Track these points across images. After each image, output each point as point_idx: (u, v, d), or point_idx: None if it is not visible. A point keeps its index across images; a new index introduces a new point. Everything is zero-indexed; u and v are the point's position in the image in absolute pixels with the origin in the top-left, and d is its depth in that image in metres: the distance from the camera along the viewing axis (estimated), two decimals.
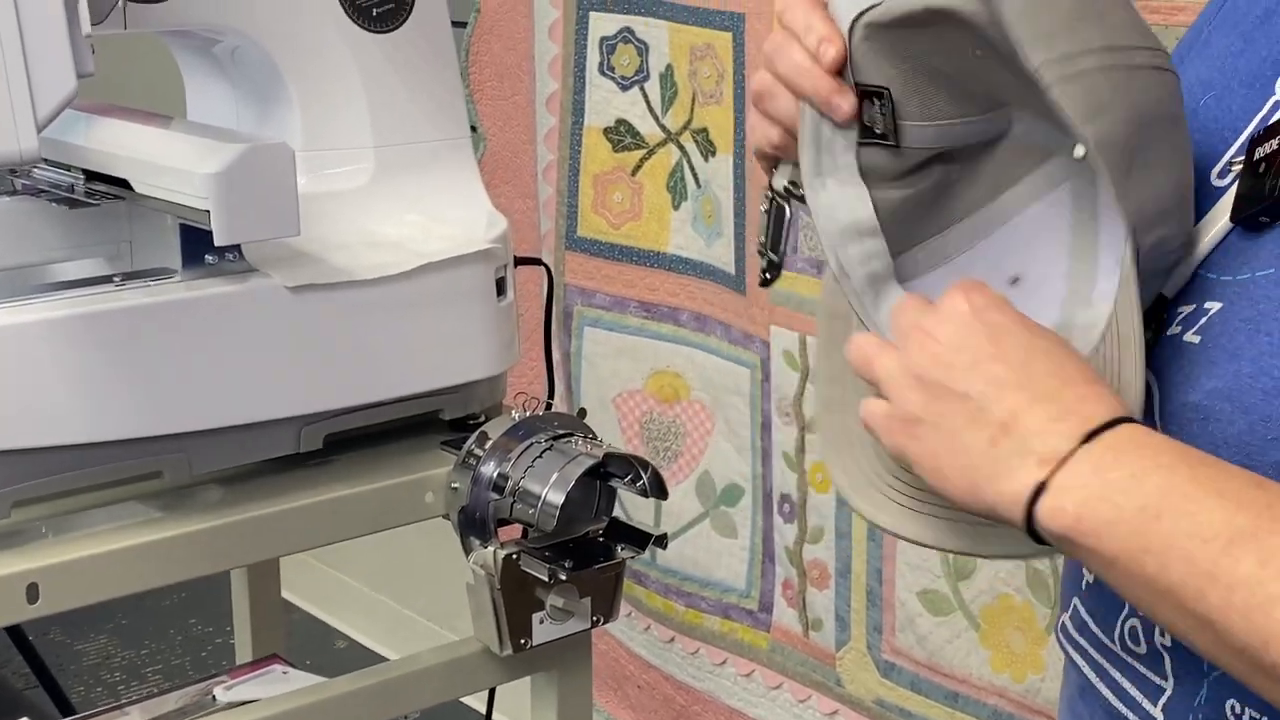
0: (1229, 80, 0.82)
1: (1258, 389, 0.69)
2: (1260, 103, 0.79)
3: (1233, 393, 0.70)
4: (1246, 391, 0.69)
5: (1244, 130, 0.79)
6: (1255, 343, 0.70)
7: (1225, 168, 0.80)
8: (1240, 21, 0.84)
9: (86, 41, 0.91)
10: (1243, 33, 0.83)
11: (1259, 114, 0.79)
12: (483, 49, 2.11)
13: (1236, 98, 0.81)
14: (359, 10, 1.27)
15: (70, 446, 1.08)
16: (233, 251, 1.14)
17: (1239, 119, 0.80)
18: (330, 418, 1.20)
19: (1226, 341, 0.72)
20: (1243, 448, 0.69)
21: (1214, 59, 0.84)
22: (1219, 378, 0.71)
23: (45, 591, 1.04)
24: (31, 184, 1.27)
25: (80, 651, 2.85)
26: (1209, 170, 0.81)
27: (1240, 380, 0.70)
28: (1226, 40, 0.84)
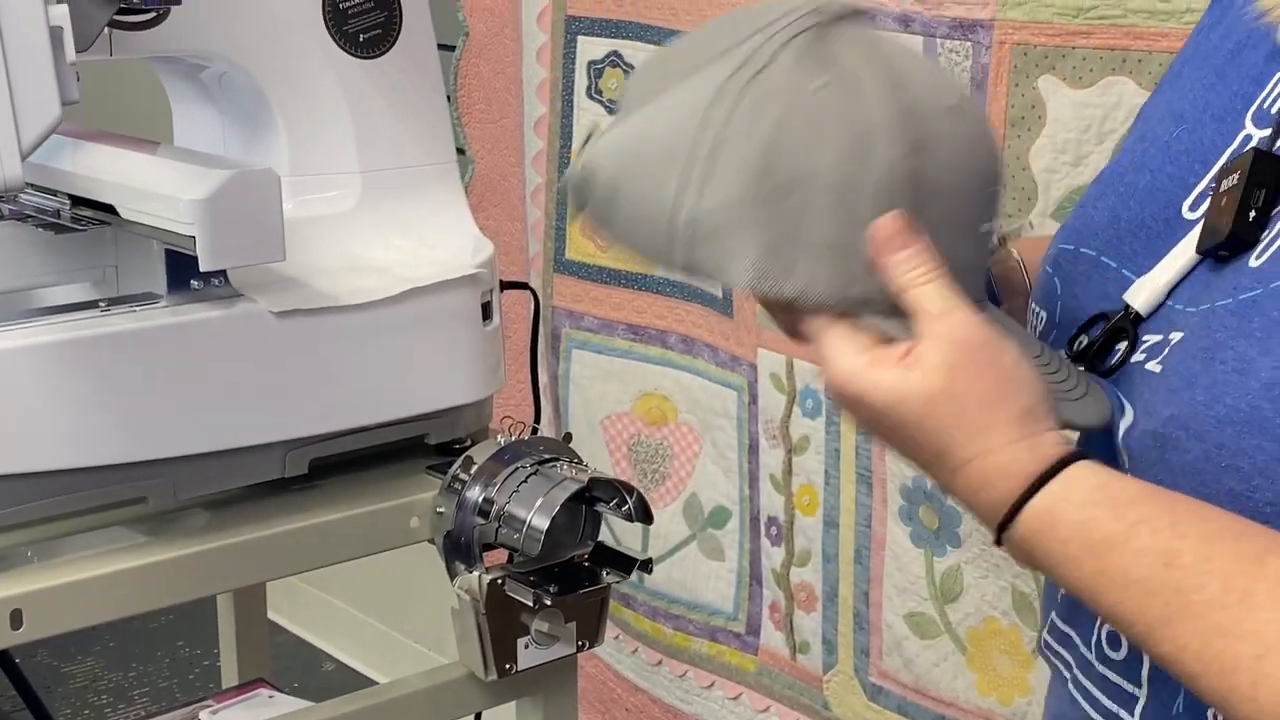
0: (1201, 113, 0.83)
1: (1211, 417, 0.69)
2: (1230, 137, 0.80)
3: (1188, 421, 0.70)
4: (1200, 419, 0.69)
5: (1214, 163, 0.80)
6: (1210, 372, 0.71)
7: (1196, 200, 0.81)
8: (1212, 55, 0.85)
9: (71, 69, 0.92)
10: (1215, 66, 0.84)
11: (1229, 148, 0.80)
12: (471, 72, 2.12)
13: (1208, 131, 0.82)
14: (345, 36, 1.27)
15: (55, 472, 1.08)
16: (218, 277, 1.14)
17: (1210, 152, 0.81)
18: (315, 442, 1.20)
19: (1184, 370, 0.73)
20: (1198, 475, 0.70)
21: (1186, 91, 0.85)
22: (1176, 406, 0.72)
23: (29, 617, 1.04)
24: (17, 209, 1.28)
25: (67, 674, 2.84)
26: (1180, 202, 0.81)
27: (1195, 409, 0.70)
28: (1199, 73, 0.85)
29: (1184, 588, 0.67)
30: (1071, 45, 1.42)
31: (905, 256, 0.75)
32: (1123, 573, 0.68)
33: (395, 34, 1.29)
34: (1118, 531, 0.69)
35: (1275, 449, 0.67)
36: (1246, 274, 0.74)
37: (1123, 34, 1.39)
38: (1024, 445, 0.72)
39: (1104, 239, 0.85)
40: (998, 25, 1.46)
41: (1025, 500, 0.72)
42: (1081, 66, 1.42)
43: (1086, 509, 0.71)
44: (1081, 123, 1.42)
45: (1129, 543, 0.69)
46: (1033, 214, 1.47)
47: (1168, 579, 0.67)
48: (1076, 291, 0.85)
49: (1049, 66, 1.43)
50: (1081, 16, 1.40)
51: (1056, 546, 0.71)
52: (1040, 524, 0.72)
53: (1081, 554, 0.70)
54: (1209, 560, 0.67)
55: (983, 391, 0.73)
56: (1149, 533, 0.69)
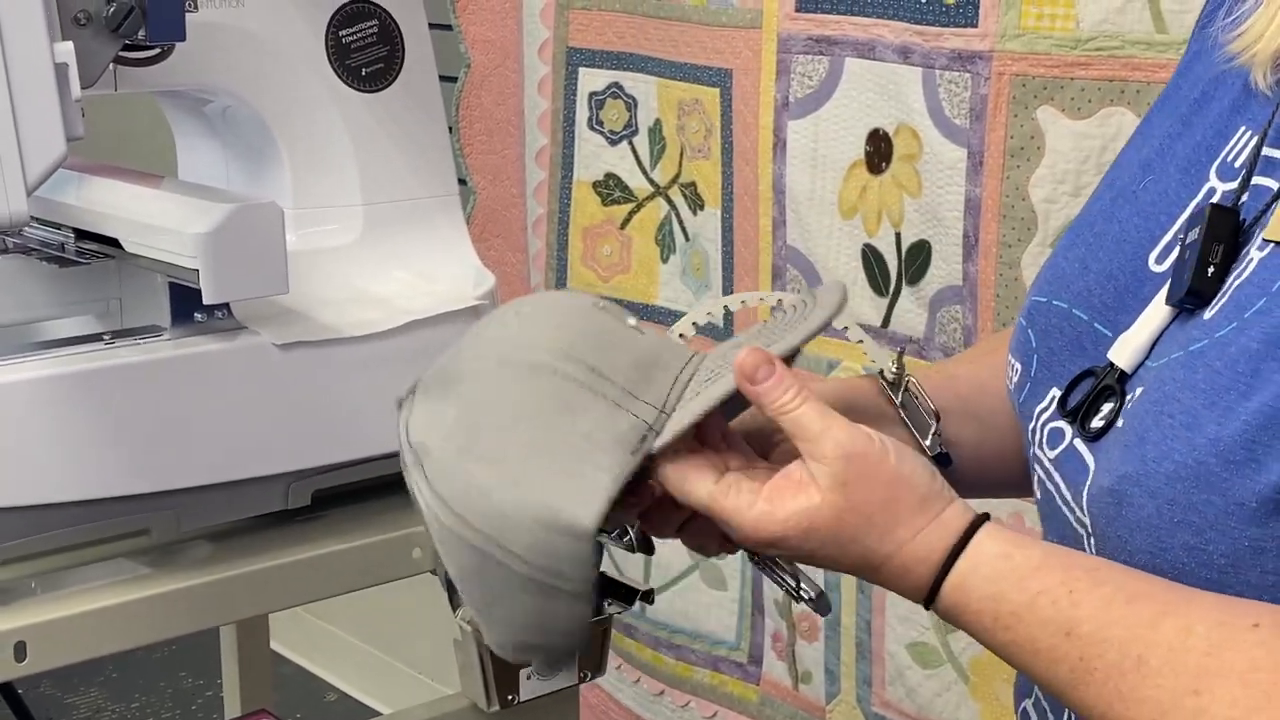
0: (1166, 163, 0.83)
1: (1161, 473, 0.70)
2: (1195, 189, 0.80)
3: (1140, 477, 0.71)
4: (1152, 476, 0.71)
5: (1179, 215, 0.80)
6: (1160, 426, 0.71)
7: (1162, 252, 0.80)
8: (1179, 104, 0.85)
9: (77, 106, 0.92)
10: (1181, 115, 0.84)
11: (1194, 200, 0.80)
12: (473, 104, 2.13)
13: (1173, 181, 0.82)
14: (348, 70, 1.28)
15: (59, 504, 1.09)
16: (222, 309, 1.15)
17: (1174, 204, 0.81)
18: (318, 474, 1.20)
19: (1138, 426, 0.74)
20: (1153, 531, 0.71)
21: (1154, 140, 0.85)
22: (1129, 463, 0.73)
23: (33, 649, 1.05)
24: (22, 242, 1.28)
25: (70, 705, 2.84)
26: (1147, 254, 0.81)
27: (1146, 465, 0.71)
28: (1167, 123, 0.85)
29: (1085, 655, 0.70)
30: (1070, 76, 1.42)
31: (770, 386, 0.78)
32: (1030, 642, 0.73)
33: (398, 68, 1.30)
34: (1021, 604, 0.73)
35: (1223, 503, 0.67)
36: (1199, 326, 0.74)
37: (1121, 65, 1.40)
38: (931, 529, 0.76)
39: (1074, 291, 0.84)
40: (996, 56, 1.47)
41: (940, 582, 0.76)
42: (1080, 97, 1.42)
43: (993, 583, 0.74)
44: (1080, 153, 1.43)
45: (1033, 614, 0.72)
46: (1032, 244, 1.47)
47: (1070, 648, 0.71)
48: (1051, 345, 0.85)
49: (1048, 97, 1.44)
50: (1080, 48, 1.41)
51: (972, 619, 0.75)
52: (955, 599, 0.76)
53: (994, 626, 0.74)
54: (1106, 629, 0.70)
55: (881, 497, 0.76)
56: (1049, 604, 0.72)
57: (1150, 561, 0.71)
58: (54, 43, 0.91)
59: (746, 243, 1.78)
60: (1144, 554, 0.71)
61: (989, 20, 1.47)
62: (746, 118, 1.75)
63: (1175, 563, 0.69)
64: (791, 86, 1.68)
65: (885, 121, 1.59)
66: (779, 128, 1.70)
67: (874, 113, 1.60)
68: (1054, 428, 0.82)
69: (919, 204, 1.56)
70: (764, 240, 1.75)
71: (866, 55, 1.60)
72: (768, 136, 1.71)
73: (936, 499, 0.77)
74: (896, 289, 1.62)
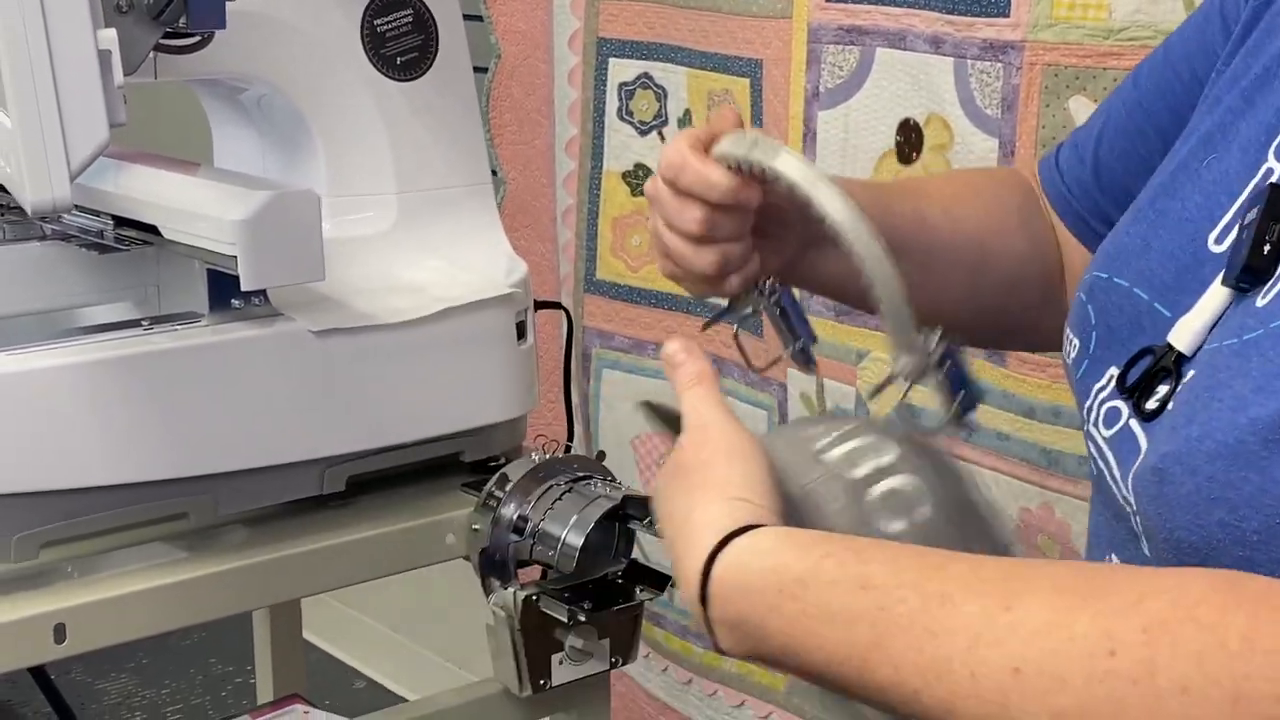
0: (1229, 141, 0.82)
1: (1202, 451, 0.70)
2: (1255, 168, 0.80)
3: (1182, 456, 0.71)
4: (1193, 454, 0.70)
5: (1239, 195, 0.80)
6: (1208, 409, 0.71)
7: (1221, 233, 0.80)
8: (1242, 78, 0.85)
9: (119, 92, 0.93)
10: (1243, 91, 0.84)
11: (1252, 181, 0.79)
12: (503, 94, 2.14)
13: (1234, 160, 0.81)
14: (383, 59, 1.29)
15: (97, 488, 1.10)
16: (259, 296, 1.16)
17: (1234, 184, 0.80)
18: (353, 460, 1.21)
19: (1186, 409, 0.74)
20: (1191, 507, 0.70)
21: (1220, 116, 0.85)
22: (1173, 442, 0.73)
23: (72, 631, 1.06)
24: (61, 229, 1.30)
25: (101, 690, 2.86)
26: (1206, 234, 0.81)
27: (1189, 444, 0.71)
28: (1231, 98, 0.85)
29: (884, 605, 0.67)
30: (1102, 66, 1.42)
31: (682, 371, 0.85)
32: (821, 607, 0.69)
33: (432, 56, 1.31)
34: (806, 569, 0.70)
35: (1260, 480, 0.67)
36: (1252, 314, 0.74)
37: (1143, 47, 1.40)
38: (720, 509, 0.75)
39: (1135, 269, 0.84)
40: (1028, 47, 1.47)
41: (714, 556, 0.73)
42: (1113, 87, 1.42)
43: (774, 555, 0.72)
44: None
45: (820, 576, 0.69)
46: None
47: (867, 601, 0.67)
48: (1110, 323, 0.85)
49: (1080, 87, 1.44)
50: (1112, 38, 1.41)
51: (755, 598, 0.71)
52: (734, 578, 0.73)
53: (779, 600, 0.70)
54: (899, 575, 0.67)
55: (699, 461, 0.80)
56: (836, 564, 0.69)
57: (1187, 538, 0.70)
58: (97, 30, 0.92)
59: None
60: (1182, 530, 0.71)
61: (1021, 10, 1.47)
62: (777, 108, 1.75)
63: (1210, 539, 0.69)
64: (822, 77, 1.69)
65: (916, 111, 1.60)
66: (809, 118, 1.70)
67: (905, 103, 1.61)
68: (1111, 407, 0.82)
69: None
70: None
71: (897, 45, 1.60)
72: (798, 127, 1.72)
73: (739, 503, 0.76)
74: None
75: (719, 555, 0.73)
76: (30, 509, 1.08)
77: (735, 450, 0.80)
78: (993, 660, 0.62)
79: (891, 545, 0.72)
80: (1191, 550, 0.71)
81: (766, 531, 0.73)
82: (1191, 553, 0.71)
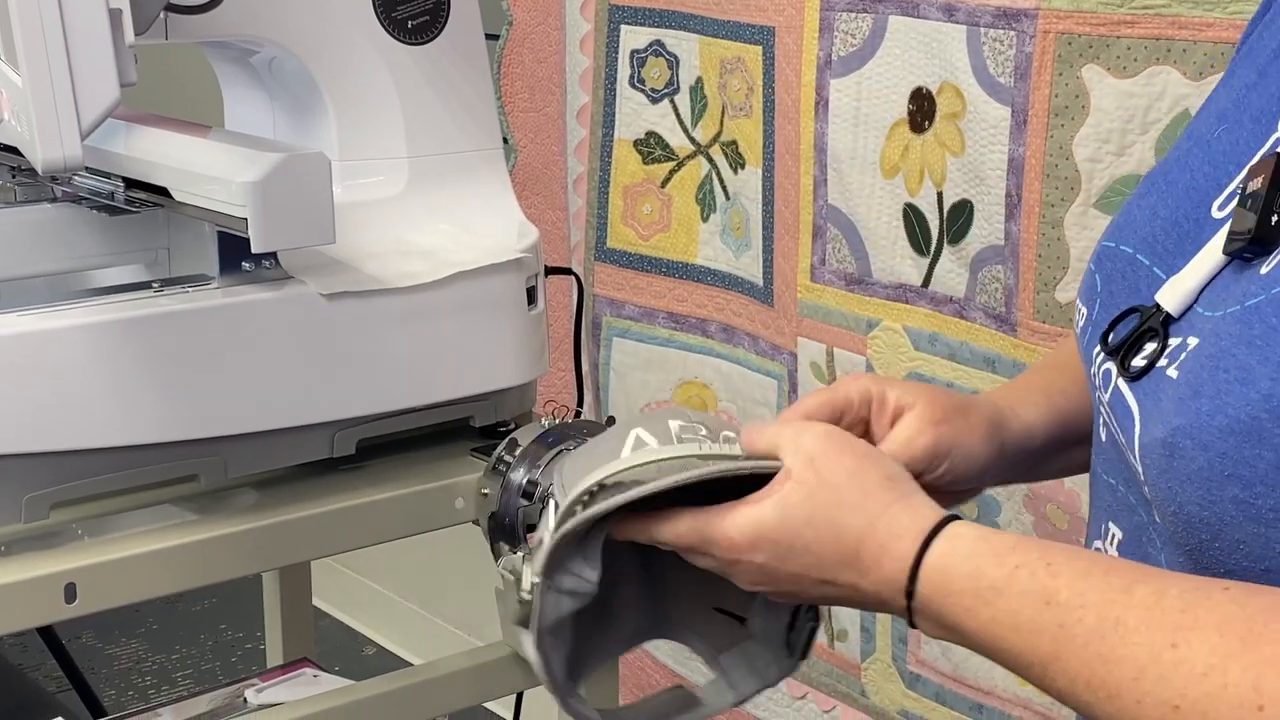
0: (1241, 114, 0.83)
1: (1214, 426, 0.71)
2: (1265, 138, 0.80)
3: (1193, 430, 0.72)
4: (1205, 429, 0.71)
5: (1247, 164, 0.80)
6: (1215, 380, 0.72)
7: (1225, 200, 0.80)
8: (1258, 55, 0.85)
9: (130, 52, 0.93)
10: (1258, 66, 0.84)
11: (1261, 150, 0.80)
12: (514, 61, 2.13)
13: (1245, 130, 0.82)
14: (394, 23, 1.28)
15: (108, 449, 1.10)
16: (269, 259, 1.16)
17: (1244, 152, 0.81)
18: (363, 423, 1.21)
19: (1193, 379, 0.74)
20: (1203, 483, 0.71)
21: (1234, 90, 0.85)
22: (1183, 415, 0.73)
23: (83, 592, 1.06)
24: (72, 191, 1.30)
25: (112, 655, 2.88)
26: (1211, 201, 0.81)
27: (1200, 418, 0.72)
28: (1245, 73, 0.85)
29: (1065, 623, 0.72)
30: (1116, 35, 1.42)
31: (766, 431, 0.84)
32: (1010, 615, 0.74)
33: (443, 21, 1.31)
34: (1000, 577, 0.75)
35: (1275, 458, 0.68)
36: (1256, 280, 0.74)
37: (1167, 24, 1.39)
38: (901, 508, 0.80)
39: (1140, 236, 0.85)
40: (1042, 14, 1.46)
41: (920, 558, 0.78)
42: (1126, 56, 1.42)
43: (972, 560, 0.76)
44: (1125, 112, 1.42)
45: (1012, 586, 0.74)
46: (1075, 204, 1.47)
47: (1050, 617, 0.72)
48: (1113, 289, 0.85)
49: (1093, 56, 1.44)
50: (1126, 6, 1.41)
51: (953, 600, 0.77)
52: (937, 580, 0.77)
53: (975, 604, 0.76)
54: (1083, 595, 0.72)
55: (847, 468, 0.80)
56: (1028, 575, 0.74)
57: (1199, 514, 0.72)
58: None
59: (787, 202, 1.78)
60: (1194, 505, 0.72)
61: None
62: (789, 76, 1.74)
63: (1223, 515, 0.70)
64: (834, 44, 1.68)
65: (928, 80, 1.59)
66: (821, 86, 1.70)
67: (917, 71, 1.60)
68: (1105, 369, 0.82)
69: (961, 163, 1.56)
70: (805, 199, 1.75)
71: (910, 13, 1.59)
72: (810, 95, 1.71)
73: (903, 480, 0.80)
74: (938, 249, 1.62)
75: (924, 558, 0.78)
76: (40, 470, 1.08)
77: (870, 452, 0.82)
78: (1156, 694, 0.67)
79: (1084, 557, 0.75)
80: (1202, 525, 0.72)
81: (961, 531, 0.78)
82: (1202, 527, 0.72)
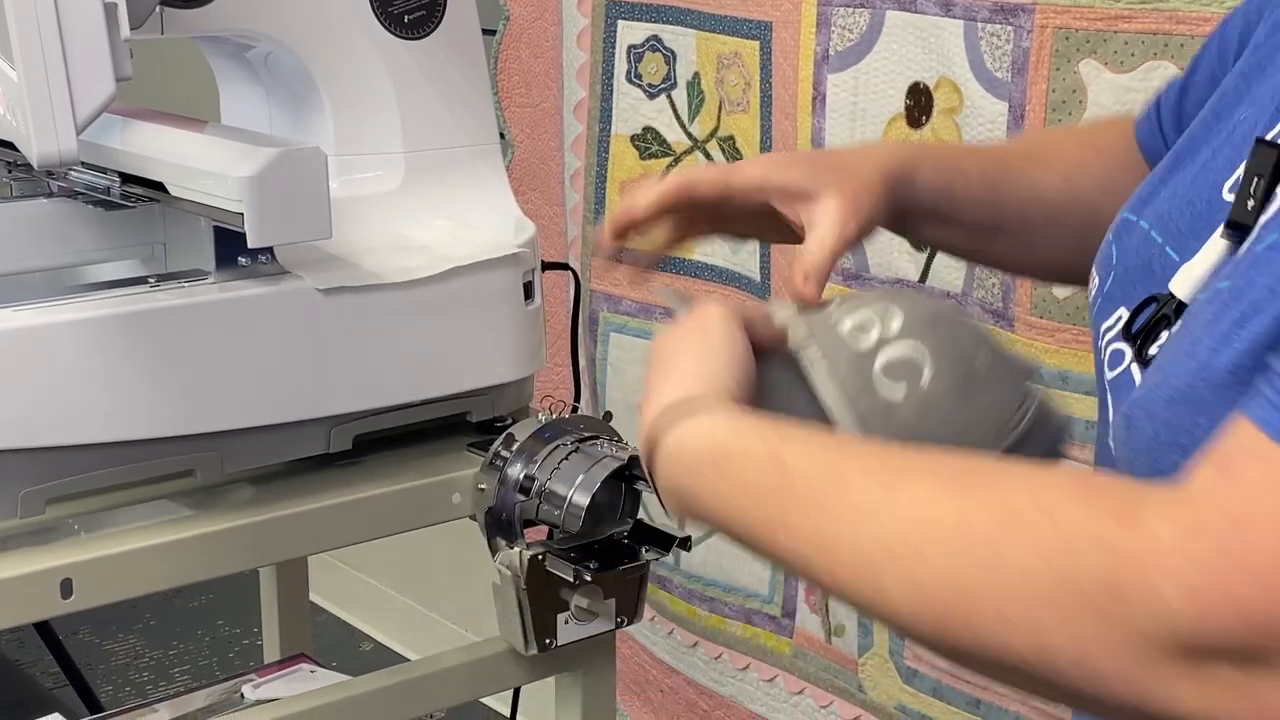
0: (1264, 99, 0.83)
1: (1160, 397, 0.72)
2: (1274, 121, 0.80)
3: (1145, 401, 0.73)
4: (1153, 400, 0.72)
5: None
6: (1173, 356, 0.73)
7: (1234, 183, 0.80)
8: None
9: (125, 46, 0.93)
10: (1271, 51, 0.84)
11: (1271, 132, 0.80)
12: (511, 56, 2.13)
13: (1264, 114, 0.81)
14: (390, 17, 1.28)
15: (104, 444, 1.10)
16: (265, 254, 1.16)
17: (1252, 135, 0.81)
18: (359, 419, 1.21)
19: (1160, 357, 0.75)
20: (1150, 453, 0.72)
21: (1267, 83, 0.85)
22: (1141, 389, 0.75)
23: (79, 587, 1.06)
24: (68, 186, 1.29)
25: (109, 651, 2.87)
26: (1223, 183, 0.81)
27: (1151, 390, 0.73)
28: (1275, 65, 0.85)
29: (792, 483, 0.73)
30: (1113, 29, 1.42)
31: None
32: (739, 477, 0.76)
33: (439, 15, 1.31)
34: (732, 442, 0.78)
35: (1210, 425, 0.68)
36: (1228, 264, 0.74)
37: (1165, 18, 1.39)
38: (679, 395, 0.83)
39: (1157, 212, 0.85)
40: (1039, 9, 1.46)
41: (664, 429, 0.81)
42: (1123, 51, 1.42)
43: (708, 435, 0.79)
44: (1123, 107, 1.42)
45: (743, 452, 0.77)
46: None
47: (778, 479, 0.74)
48: (1127, 264, 0.86)
49: (1090, 50, 1.43)
50: (1123, 1, 1.40)
51: (688, 470, 0.79)
52: (673, 450, 0.80)
53: (706, 468, 0.78)
54: (811, 456, 0.74)
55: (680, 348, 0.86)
56: (759, 441, 0.77)
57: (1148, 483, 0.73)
58: None
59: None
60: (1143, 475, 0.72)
61: None
62: (786, 71, 1.74)
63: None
64: (832, 39, 1.68)
65: (926, 75, 1.59)
66: (819, 81, 1.70)
67: (915, 66, 1.60)
68: (1116, 349, 0.83)
69: None
70: None
71: (908, 8, 1.59)
72: (807, 90, 1.71)
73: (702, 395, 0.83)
74: None
75: (667, 431, 0.81)
76: (36, 465, 1.08)
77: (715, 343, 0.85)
78: (871, 535, 0.69)
79: (820, 433, 0.78)
80: None
81: (714, 415, 0.80)
82: None
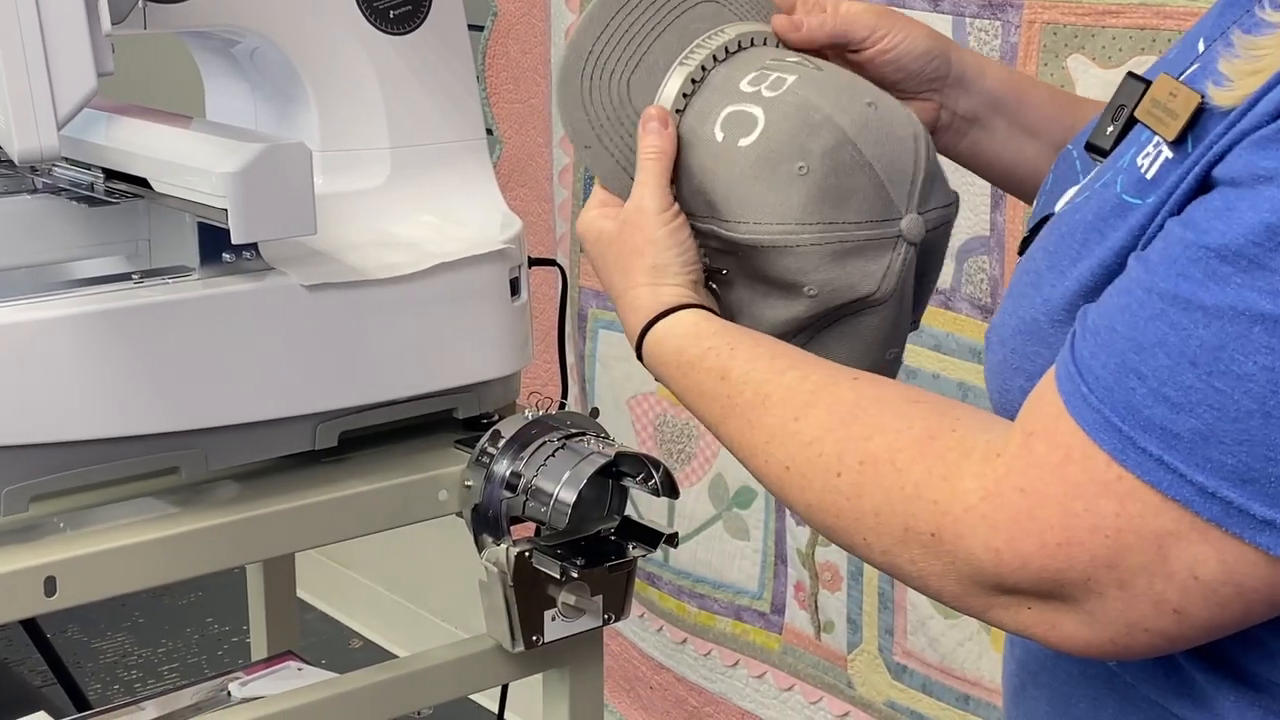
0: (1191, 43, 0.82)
1: (1009, 326, 0.79)
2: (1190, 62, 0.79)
3: (997, 327, 0.81)
4: (1004, 327, 0.80)
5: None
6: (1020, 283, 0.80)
7: None
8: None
9: (106, 40, 0.92)
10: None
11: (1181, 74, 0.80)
12: (499, 52, 2.13)
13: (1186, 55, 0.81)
14: (376, 12, 1.28)
15: (88, 441, 1.09)
16: (250, 250, 1.15)
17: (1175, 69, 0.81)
18: (345, 415, 1.21)
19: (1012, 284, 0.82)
20: (999, 376, 0.80)
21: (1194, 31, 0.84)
22: (998, 315, 0.82)
23: (63, 585, 1.06)
24: (51, 182, 1.29)
25: (97, 649, 2.87)
26: None
27: (1002, 318, 0.81)
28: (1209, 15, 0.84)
29: (730, 394, 0.87)
30: (1101, 25, 1.42)
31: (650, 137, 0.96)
32: (697, 385, 0.90)
33: (425, 11, 1.30)
34: (695, 354, 0.90)
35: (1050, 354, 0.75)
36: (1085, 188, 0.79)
37: (1152, 13, 1.39)
38: (647, 290, 0.94)
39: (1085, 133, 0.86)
40: (1027, 5, 1.46)
41: (645, 332, 0.93)
42: (1111, 46, 1.41)
43: (679, 339, 0.92)
44: None
45: (701, 363, 0.89)
46: None
47: (722, 389, 0.87)
48: (1048, 187, 0.89)
49: (1078, 46, 1.43)
50: None
51: (663, 368, 0.93)
52: (652, 350, 0.93)
53: (675, 373, 0.92)
54: (749, 374, 0.86)
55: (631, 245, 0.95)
56: (714, 355, 0.89)
57: (998, 400, 0.80)
58: None
59: None
60: (995, 394, 0.81)
61: None
62: None
63: (1015, 404, 0.76)
64: None
65: None
66: None
67: None
68: None
69: None
70: None
71: (896, 3, 1.59)
72: None
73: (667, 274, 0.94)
74: None
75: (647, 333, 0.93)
76: (20, 462, 1.07)
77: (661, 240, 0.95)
78: (777, 456, 0.82)
79: (765, 343, 0.89)
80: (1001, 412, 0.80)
81: (684, 318, 0.93)
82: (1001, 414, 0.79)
